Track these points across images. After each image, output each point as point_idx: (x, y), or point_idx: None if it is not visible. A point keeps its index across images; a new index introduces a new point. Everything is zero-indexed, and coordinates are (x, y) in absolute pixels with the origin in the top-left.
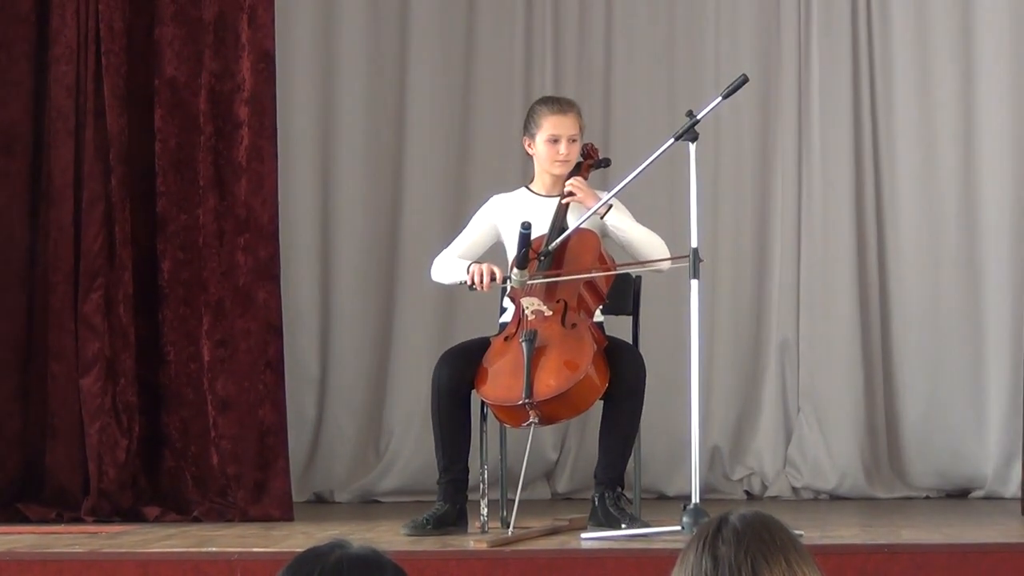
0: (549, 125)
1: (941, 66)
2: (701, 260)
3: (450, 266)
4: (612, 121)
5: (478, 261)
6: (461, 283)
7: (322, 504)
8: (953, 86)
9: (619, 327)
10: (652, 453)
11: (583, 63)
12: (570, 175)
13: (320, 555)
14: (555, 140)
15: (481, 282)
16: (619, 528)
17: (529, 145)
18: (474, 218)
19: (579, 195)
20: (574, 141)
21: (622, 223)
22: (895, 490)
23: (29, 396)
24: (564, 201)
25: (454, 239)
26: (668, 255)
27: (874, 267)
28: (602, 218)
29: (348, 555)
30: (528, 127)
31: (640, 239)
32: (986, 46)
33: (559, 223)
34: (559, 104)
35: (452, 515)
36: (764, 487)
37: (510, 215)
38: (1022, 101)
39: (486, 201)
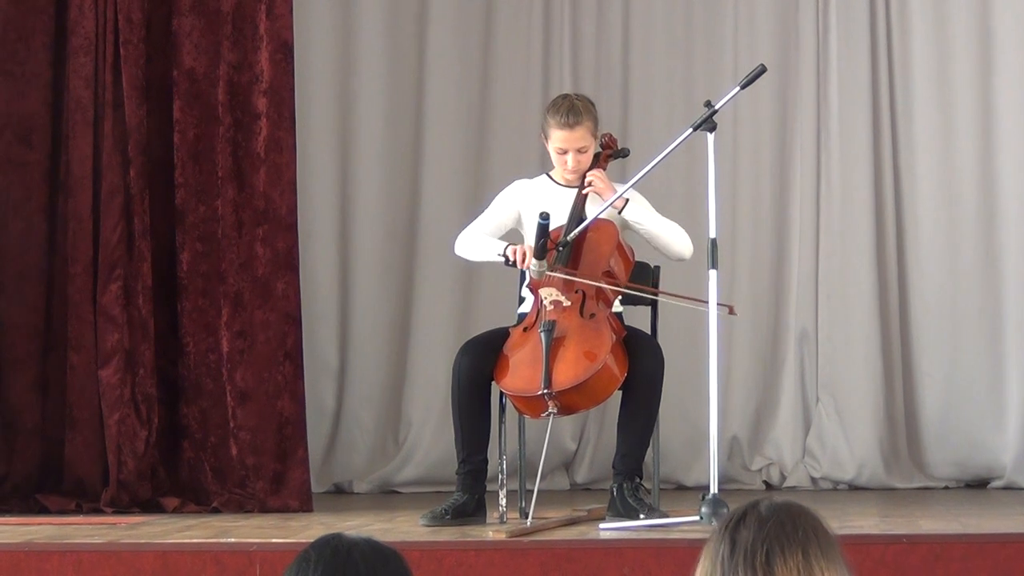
0: (557, 138)
1: (960, 54)
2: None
3: (480, 243)
4: (630, 111)
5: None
6: (499, 256)
7: (341, 495)
8: (972, 74)
9: (638, 317)
10: (671, 443)
11: (601, 53)
12: (591, 165)
13: (336, 548)
14: (563, 152)
15: (523, 260)
16: (637, 518)
17: (545, 142)
18: (497, 199)
19: (598, 186)
20: (583, 152)
21: (640, 216)
22: (914, 480)
23: (48, 387)
24: (584, 192)
25: (476, 217)
26: (689, 243)
27: (893, 256)
28: (619, 213)
29: (368, 544)
30: (543, 126)
31: (660, 231)
32: (1004, 33)
33: (578, 213)
34: (567, 119)
35: (471, 505)
36: (783, 477)
37: (531, 202)
38: None
39: (510, 184)
